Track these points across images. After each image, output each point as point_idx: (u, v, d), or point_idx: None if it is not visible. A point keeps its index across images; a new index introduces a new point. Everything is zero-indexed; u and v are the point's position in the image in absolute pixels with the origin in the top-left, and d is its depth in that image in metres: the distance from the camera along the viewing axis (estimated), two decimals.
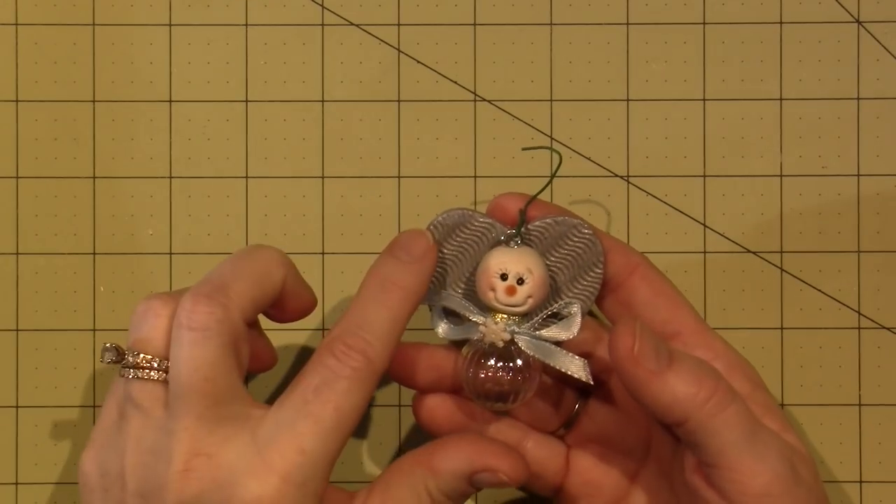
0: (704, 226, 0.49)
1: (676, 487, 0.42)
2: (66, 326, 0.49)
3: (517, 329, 0.41)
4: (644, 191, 0.49)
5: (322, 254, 0.49)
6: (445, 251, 0.43)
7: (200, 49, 0.49)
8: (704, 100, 0.49)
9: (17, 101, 0.49)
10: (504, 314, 0.41)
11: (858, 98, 0.49)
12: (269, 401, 0.43)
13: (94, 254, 0.49)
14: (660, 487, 0.43)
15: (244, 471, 0.37)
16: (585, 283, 0.42)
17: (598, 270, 0.42)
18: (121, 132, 0.49)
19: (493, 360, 0.41)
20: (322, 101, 0.49)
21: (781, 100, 0.49)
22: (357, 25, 0.49)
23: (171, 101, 0.49)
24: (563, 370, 0.41)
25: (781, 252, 0.49)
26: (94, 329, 0.49)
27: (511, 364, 0.41)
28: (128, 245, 0.49)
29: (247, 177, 0.49)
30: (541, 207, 0.43)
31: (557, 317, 0.42)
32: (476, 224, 0.42)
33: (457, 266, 0.43)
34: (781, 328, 0.49)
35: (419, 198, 0.49)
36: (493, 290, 0.41)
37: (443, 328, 0.42)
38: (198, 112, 0.49)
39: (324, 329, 0.48)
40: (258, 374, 0.48)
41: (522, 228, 0.42)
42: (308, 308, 0.43)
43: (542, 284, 0.41)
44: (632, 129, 0.49)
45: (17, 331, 0.49)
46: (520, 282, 0.41)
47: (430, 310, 0.43)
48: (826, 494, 0.41)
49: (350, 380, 0.38)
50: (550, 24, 0.49)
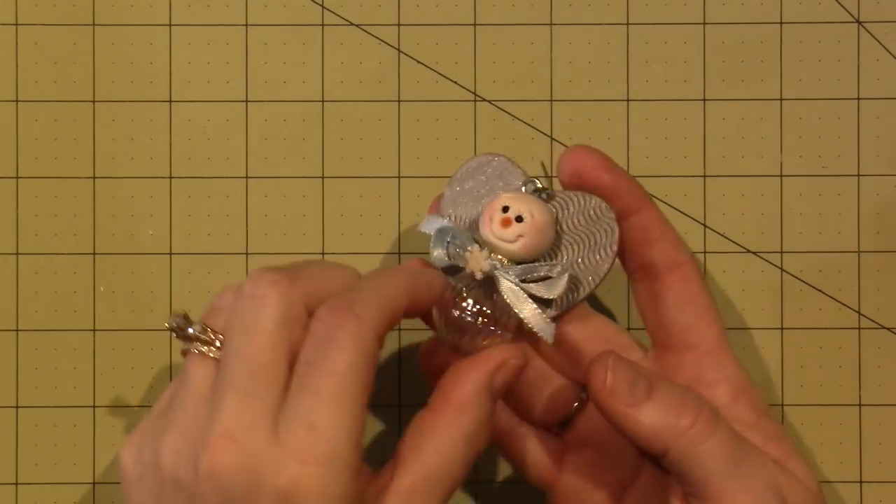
0: (704, 226, 0.49)
1: None
2: (66, 326, 0.49)
3: (499, 266, 0.40)
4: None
5: (322, 254, 0.49)
6: (467, 186, 0.43)
7: (200, 49, 0.49)
8: (704, 100, 0.49)
9: (17, 101, 0.49)
10: (495, 252, 0.41)
11: (858, 98, 0.49)
12: None
13: (94, 254, 0.49)
14: None
15: (268, 460, 0.35)
16: (592, 262, 0.41)
17: (607, 254, 0.41)
18: (121, 132, 0.49)
19: (469, 292, 0.40)
20: (322, 101, 0.49)
21: (781, 100, 0.49)
22: (357, 25, 0.49)
23: (171, 101, 0.49)
24: (529, 324, 0.40)
25: (781, 252, 0.49)
26: (94, 329, 0.49)
27: (483, 304, 0.40)
28: (128, 245, 0.49)
29: (247, 177, 0.49)
30: (608, 168, 0.41)
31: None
32: (502, 167, 0.42)
33: (472, 202, 0.43)
34: (781, 328, 0.49)
35: (419, 198, 0.49)
36: (491, 221, 0.40)
37: (438, 253, 0.41)
38: (198, 112, 0.49)
39: None
40: None
41: (549, 190, 0.41)
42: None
43: (539, 231, 0.40)
44: (632, 129, 0.49)
45: (17, 331, 0.49)
46: (518, 219, 0.40)
47: (432, 235, 0.42)
48: None
49: (340, 340, 0.36)
50: (550, 24, 0.49)
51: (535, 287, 0.40)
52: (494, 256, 0.41)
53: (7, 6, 0.49)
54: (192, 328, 0.38)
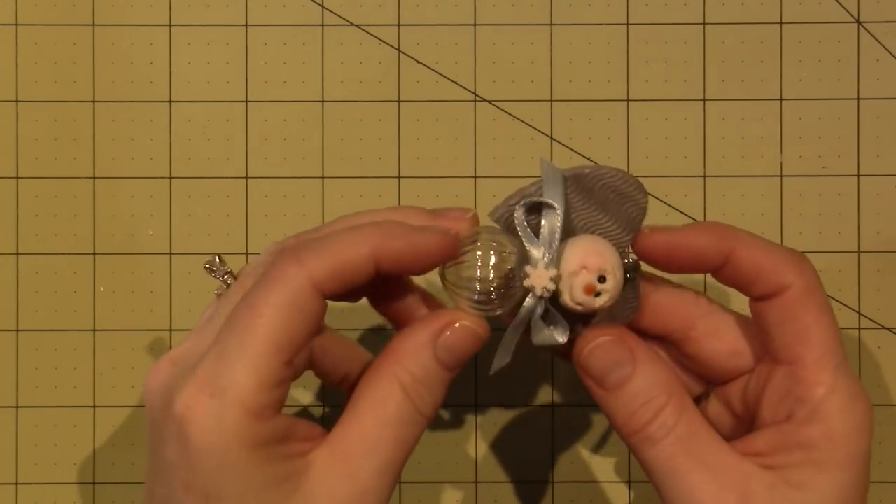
0: None
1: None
2: (66, 326, 0.49)
3: (547, 290, 0.37)
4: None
5: None
6: (590, 196, 0.38)
7: (200, 49, 0.49)
8: (704, 100, 0.49)
9: (17, 101, 0.49)
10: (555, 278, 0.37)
11: (858, 98, 0.49)
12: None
13: (94, 254, 0.49)
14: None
15: (181, 384, 0.35)
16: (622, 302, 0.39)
17: (633, 308, 0.39)
18: (121, 132, 0.49)
19: (504, 276, 0.37)
20: (322, 101, 0.49)
21: (781, 100, 0.49)
22: (357, 25, 0.49)
23: (171, 102, 0.49)
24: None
25: None
26: (94, 329, 0.49)
27: (505, 290, 0.37)
28: (128, 245, 0.49)
29: (247, 177, 0.49)
30: (665, 235, 0.38)
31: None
32: (629, 195, 0.38)
33: (579, 211, 0.38)
34: None
35: (419, 198, 0.49)
36: (582, 271, 0.37)
37: (518, 215, 0.37)
38: (198, 112, 0.49)
39: None
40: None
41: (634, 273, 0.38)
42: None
43: (619, 286, 0.37)
44: (632, 129, 0.49)
45: (17, 331, 0.49)
46: (600, 285, 0.37)
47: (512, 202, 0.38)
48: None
49: (271, 279, 0.35)
50: (550, 24, 0.49)
51: (549, 332, 0.38)
52: (556, 278, 0.37)
53: (7, 6, 0.49)
54: (217, 272, 0.39)
